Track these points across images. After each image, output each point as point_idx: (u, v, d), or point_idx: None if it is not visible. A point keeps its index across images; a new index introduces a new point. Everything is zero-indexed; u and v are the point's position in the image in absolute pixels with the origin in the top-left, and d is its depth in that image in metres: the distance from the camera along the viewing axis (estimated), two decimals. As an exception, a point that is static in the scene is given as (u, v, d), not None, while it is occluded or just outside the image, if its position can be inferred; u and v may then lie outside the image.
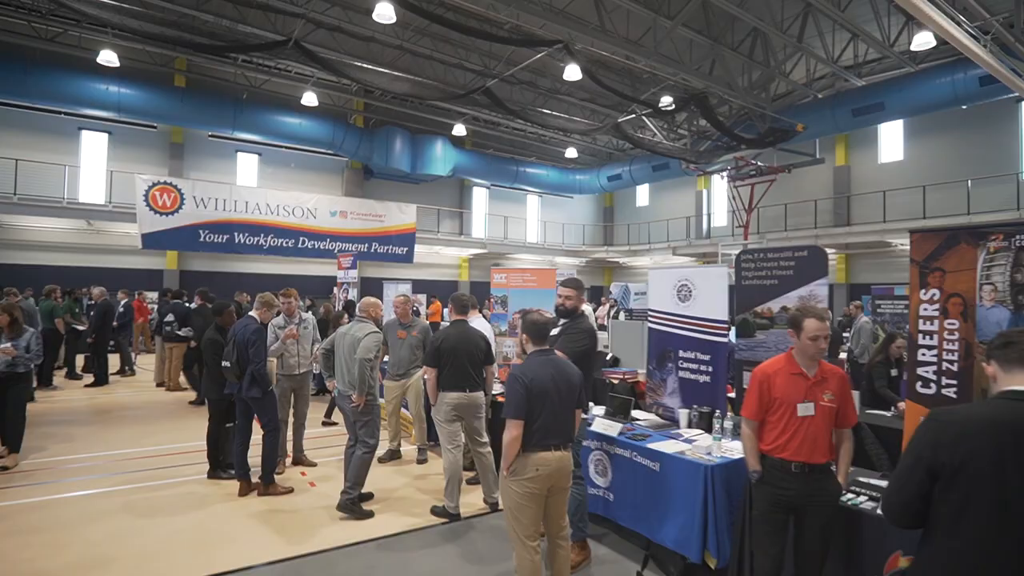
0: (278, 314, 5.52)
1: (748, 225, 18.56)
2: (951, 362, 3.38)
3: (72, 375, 10.48)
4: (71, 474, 5.45)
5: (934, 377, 3.44)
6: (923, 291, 3.53)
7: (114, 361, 11.25)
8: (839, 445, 2.80)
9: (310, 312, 7.73)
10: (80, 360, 10.82)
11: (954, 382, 3.35)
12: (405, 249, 19.68)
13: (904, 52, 13.90)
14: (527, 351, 3.10)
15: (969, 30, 9.40)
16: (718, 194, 22.39)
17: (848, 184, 18.89)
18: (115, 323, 11.43)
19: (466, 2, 11.01)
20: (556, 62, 13.87)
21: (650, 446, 3.96)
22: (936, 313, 3.46)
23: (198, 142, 17.90)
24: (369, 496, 4.82)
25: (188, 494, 4.94)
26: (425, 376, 4.86)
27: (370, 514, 4.50)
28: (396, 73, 14.19)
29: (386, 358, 6.15)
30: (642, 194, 25.89)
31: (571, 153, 21.44)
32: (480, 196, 24.08)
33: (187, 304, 9.90)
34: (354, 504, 4.45)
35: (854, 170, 18.93)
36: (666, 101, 15.88)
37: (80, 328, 10.32)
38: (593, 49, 13.62)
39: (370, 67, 14.10)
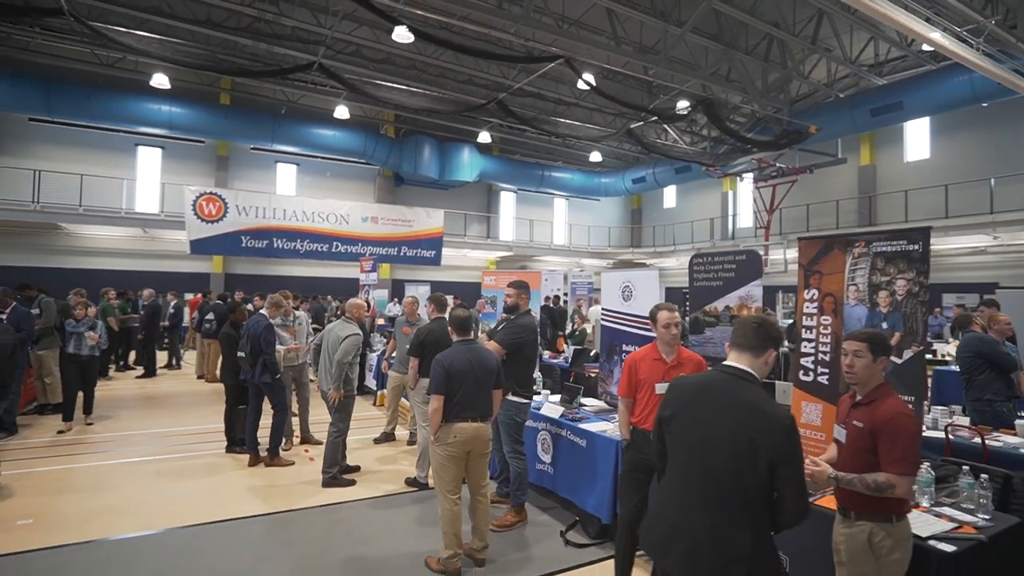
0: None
1: (769, 226, 18.64)
2: (825, 353, 3.88)
3: (124, 367, 11.75)
4: (116, 445, 6.47)
5: (812, 366, 3.94)
6: (806, 291, 4.04)
7: (164, 356, 12.56)
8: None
9: (301, 311, 8.46)
10: (132, 355, 12.08)
11: (827, 371, 3.85)
12: (433, 252, 20.57)
13: (922, 52, 13.88)
14: (453, 340, 3.80)
15: (959, 36, 9.53)
16: (743, 195, 22.43)
17: (874, 183, 18.69)
18: (167, 323, 12.75)
19: (475, 25, 11.76)
20: (568, 72, 14.42)
21: (582, 426, 4.59)
22: (815, 310, 3.97)
23: (241, 154, 19.30)
24: (356, 468, 5.61)
25: (207, 464, 5.85)
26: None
27: (352, 483, 5.28)
28: (413, 89, 15.10)
29: (394, 353, 6.92)
30: (669, 196, 26.09)
31: (595, 157, 21.91)
32: (508, 200, 24.82)
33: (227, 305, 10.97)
34: (335, 479, 5.23)
35: (880, 169, 18.73)
36: (681, 106, 16.22)
37: (132, 326, 11.57)
38: (606, 65, 14.10)
39: (387, 84, 15.06)
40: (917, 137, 17.96)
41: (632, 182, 23.59)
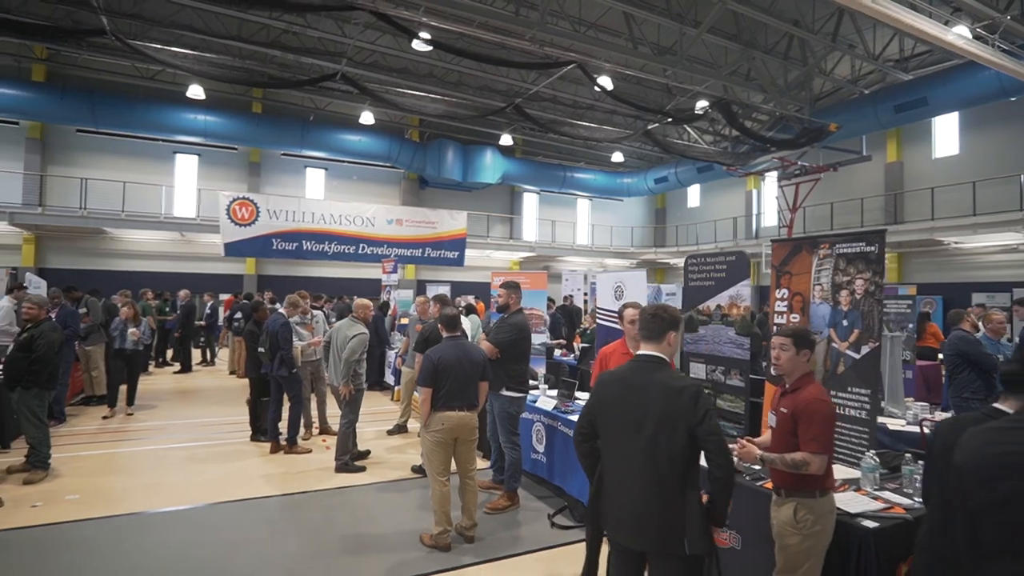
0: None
1: (792, 225, 18.49)
2: (794, 349, 4.10)
3: (163, 364, 12.49)
4: (153, 433, 7.04)
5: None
6: (778, 291, 4.27)
7: (199, 353, 13.30)
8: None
9: (320, 310, 8.92)
10: (169, 352, 12.82)
11: (795, 365, 4.07)
12: (456, 253, 21.02)
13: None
14: (443, 336, 4.16)
15: (976, 34, 9.47)
16: (768, 194, 22.28)
17: (901, 180, 18.39)
18: (203, 322, 13.50)
19: (492, 32, 12.11)
20: (587, 74, 14.66)
21: (570, 416, 4.89)
22: (785, 309, 4.19)
23: (272, 160, 20.10)
24: (367, 454, 6.04)
25: (233, 450, 6.36)
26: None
27: (362, 469, 5.70)
28: (432, 95, 15.56)
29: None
30: (693, 195, 26.02)
31: (617, 157, 22.05)
32: (531, 201, 25.14)
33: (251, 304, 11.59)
34: (346, 465, 5.65)
35: (907, 166, 18.41)
36: (700, 106, 16.29)
37: (169, 325, 12.30)
38: (622, 69, 14.26)
39: (407, 92, 15.57)
40: (946, 133, 17.61)
41: (654, 182, 23.64)
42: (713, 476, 2.28)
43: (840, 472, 3.49)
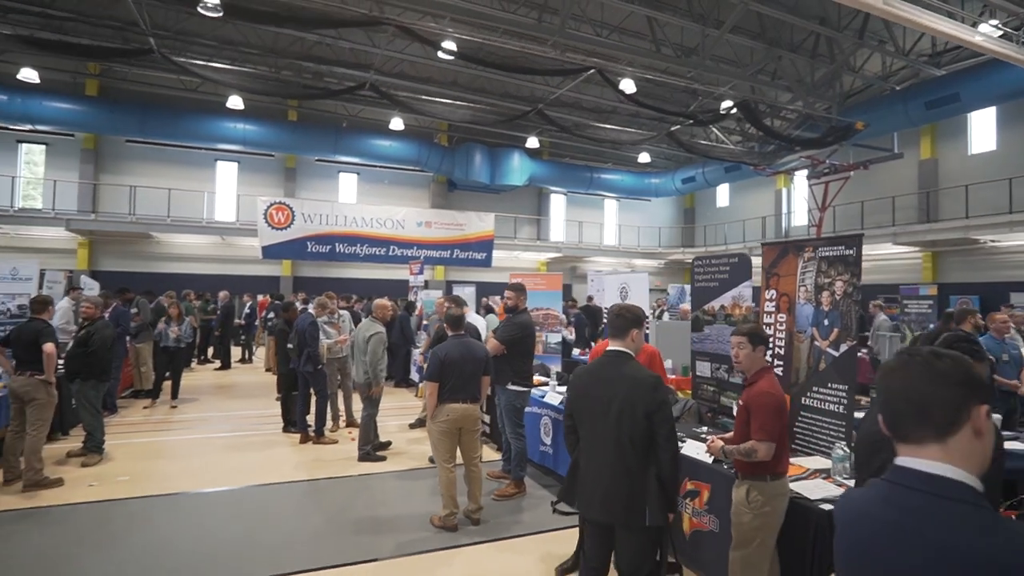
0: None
1: (821, 224, 18.27)
2: (780, 347, 4.32)
3: (204, 361, 13.24)
4: (195, 424, 7.62)
5: (769, 359, 4.38)
6: (767, 292, 4.48)
7: (238, 351, 14.03)
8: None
9: (346, 310, 9.40)
10: (210, 350, 13.58)
11: (781, 363, 4.29)
12: (484, 254, 21.45)
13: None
14: (448, 335, 4.52)
15: (999, 31, 9.35)
16: (798, 193, 22.01)
17: (935, 178, 17.98)
18: (242, 321, 14.23)
19: (515, 40, 12.47)
20: (610, 76, 14.86)
21: (574, 411, 5.19)
22: (773, 309, 4.41)
23: (307, 166, 20.89)
24: (388, 444, 6.46)
25: (266, 440, 6.87)
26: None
27: (383, 458, 6.12)
28: (457, 103, 16.00)
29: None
30: (722, 194, 25.85)
31: (644, 158, 22.12)
32: (558, 202, 25.39)
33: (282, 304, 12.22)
34: (368, 455, 6.08)
35: (942, 163, 17.99)
36: (724, 106, 16.29)
37: (210, 324, 13.04)
38: (644, 74, 14.42)
39: (432, 99, 16.07)
40: (983, 128, 17.15)
41: (682, 182, 23.62)
42: (661, 458, 2.57)
43: (817, 462, 3.71)
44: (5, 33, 12.13)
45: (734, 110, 15.26)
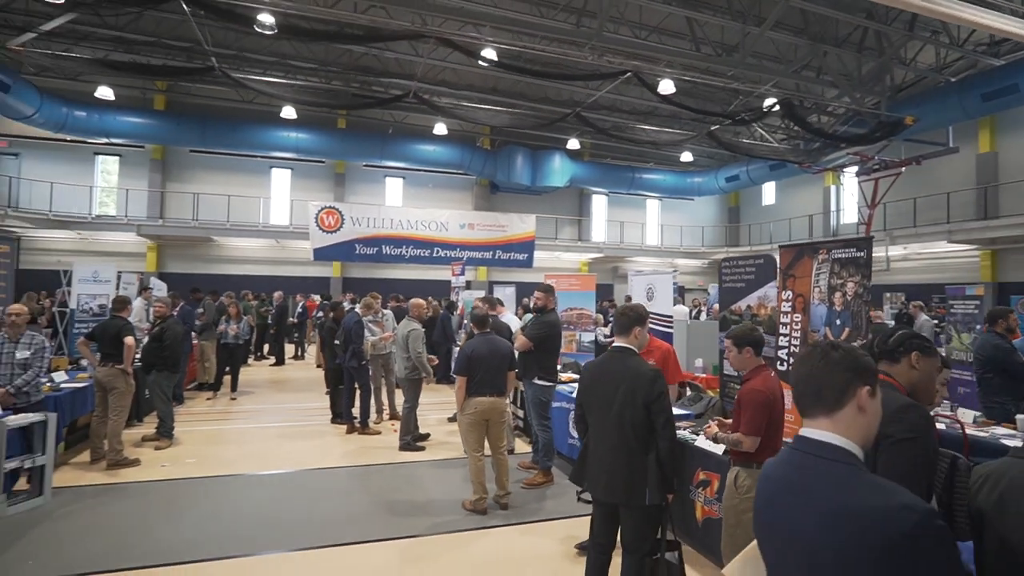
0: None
1: (871, 222, 17.77)
2: (795, 346, 4.47)
3: (260, 357, 14.08)
4: (252, 414, 8.27)
5: (785, 357, 4.55)
6: (784, 293, 4.63)
7: (292, 348, 14.84)
8: (666, 395, 4.17)
9: (389, 310, 9.85)
10: (266, 347, 14.43)
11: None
12: (525, 255, 21.75)
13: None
14: (474, 333, 4.87)
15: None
16: (848, 190, 21.40)
17: (995, 172, 17.22)
18: (295, 320, 15.04)
19: (554, 47, 12.75)
20: (646, 78, 14.95)
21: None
22: (790, 309, 4.56)
23: (356, 171, 21.75)
24: (427, 436, 6.89)
25: (315, 430, 7.42)
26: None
27: (421, 448, 6.54)
28: (497, 108, 16.39)
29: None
30: (768, 192, 25.38)
31: (686, 157, 21.97)
32: (599, 203, 25.49)
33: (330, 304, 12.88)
34: (408, 444, 6.51)
35: (1003, 156, 17.21)
36: (767, 104, 16.07)
37: (267, 323, 13.87)
38: (684, 75, 14.40)
39: (472, 106, 16.53)
40: (1047, 120, 16.34)
41: (725, 180, 23.32)
42: (660, 444, 2.83)
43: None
44: (86, 57, 13.24)
45: (776, 108, 15.06)
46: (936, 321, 12.33)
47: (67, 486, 5.16)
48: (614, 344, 3.08)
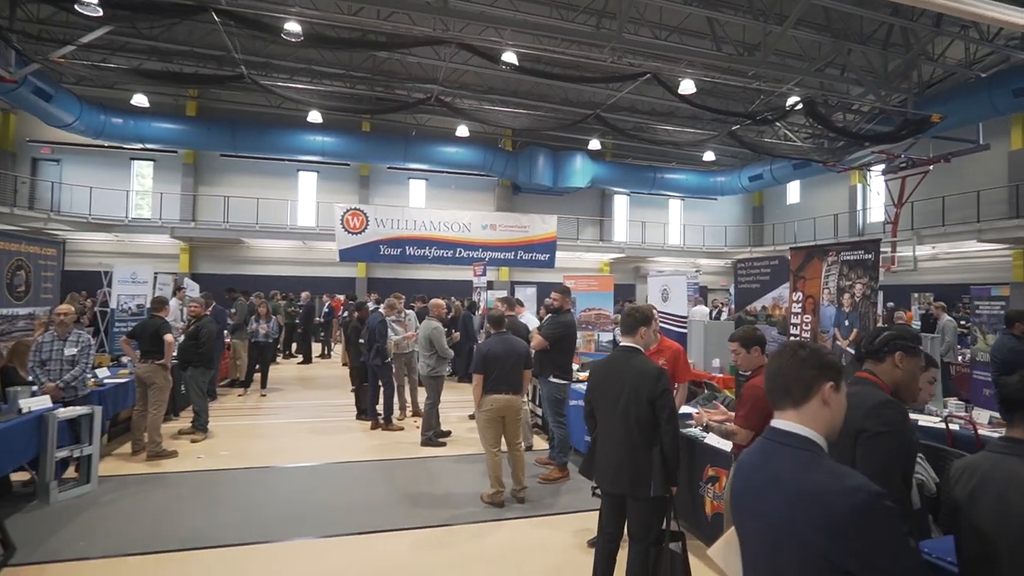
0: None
1: (897, 221, 17.49)
2: (805, 346, 4.56)
3: (288, 355, 14.50)
4: (282, 410, 8.60)
5: (795, 357, 4.63)
6: (795, 294, 4.73)
7: (319, 347, 15.24)
8: (676, 392, 4.29)
9: (411, 310, 10.13)
10: (293, 345, 14.84)
11: (806, 361, 4.53)
12: (547, 255, 21.91)
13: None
14: (491, 332, 5.06)
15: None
16: (875, 188, 21.07)
17: (1029, 170, 16.82)
18: (321, 319, 15.44)
19: (574, 51, 12.88)
20: (666, 80, 14.97)
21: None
22: (800, 310, 4.65)
23: (379, 173, 22.15)
24: (448, 433, 7.10)
25: (341, 426, 7.70)
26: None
27: (443, 444, 6.77)
28: (518, 111, 16.57)
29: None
30: (793, 191, 25.09)
31: (708, 156, 21.88)
32: (621, 203, 25.50)
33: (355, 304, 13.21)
34: (429, 440, 6.74)
35: (1036, 153, 16.80)
36: (790, 103, 15.95)
37: (295, 322, 14.29)
38: (703, 76, 14.39)
39: (493, 109, 16.75)
40: (1083, 115, 15.90)
41: (749, 180, 23.12)
42: (663, 438, 2.99)
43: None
44: (122, 67, 13.80)
45: (799, 107, 14.94)
46: (963, 322, 12.15)
47: (111, 475, 5.50)
48: (620, 344, 3.24)
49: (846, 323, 4.19)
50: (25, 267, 6.13)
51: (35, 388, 5.09)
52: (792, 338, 4.73)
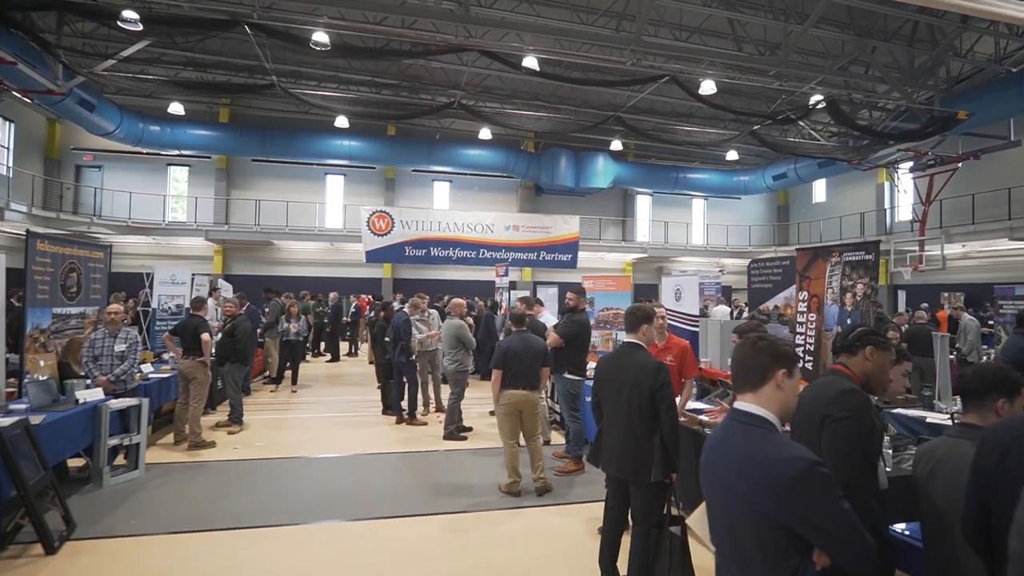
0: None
1: (925, 219, 17.24)
2: (810, 344, 4.72)
3: (317, 354, 14.99)
4: (312, 405, 9.01)
5: (801, 355, 4.79)
6: (801, 294, 4.89)
7: (346, 345, 15.70)
8: (683, 388, 4.51)
9: (434, 309, 10.43)
10: (322, 344, 15.33)
11: (811, 358, 4.69)
12: (569, 256, 22.07)
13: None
14: (512, 330, 5.32)
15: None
16: (902, 186, 20.75)
17: (1063, 166, 16.43)
18: (349, 319, 15.91)
19: (593, 55, 13.07)
20: (686, 80, 15.03)
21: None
22: (805, 309, 4.81)
23: (404, 176, 22.62)
24: (469, 428, 7.40)
25: (368, 420, 8.06)
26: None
27: (464, 438, 7.07)
28: (539, 115, 16.82)
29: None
30: (819, 190, 24.82)
31: (732, 156, 21.80)
32: (644, 203, 25.54)
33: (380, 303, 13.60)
34: (452, 434, 7.04)
35: (1072, 148, 16.36)
36: (813, 101, 15.87)
37: (323, 321, 14.78)
38: (723, 77, 14.41)
39: (515, 112, 17.05)
40: (1120, 110, 15.44)
41: (772, 179, 22.96)
42: (663, 428, 3.21)
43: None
44: (160, 78, 14.45)
45: (820, 106, 14.88)
46: (990, 321, 12.01)
47: (156, 463, 5.92)
48: (624, 340, 3.47)
49: (848, 321, 4.34)
50: (77, 269, 6.59)
51: (88, 381, 5.53)
52: (798, 336, 4.89)
